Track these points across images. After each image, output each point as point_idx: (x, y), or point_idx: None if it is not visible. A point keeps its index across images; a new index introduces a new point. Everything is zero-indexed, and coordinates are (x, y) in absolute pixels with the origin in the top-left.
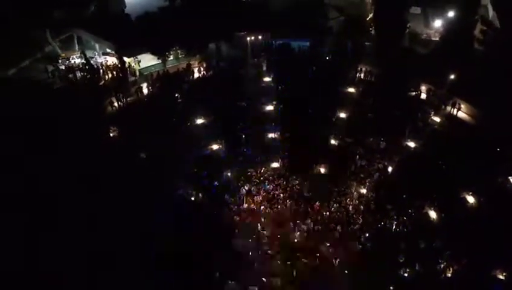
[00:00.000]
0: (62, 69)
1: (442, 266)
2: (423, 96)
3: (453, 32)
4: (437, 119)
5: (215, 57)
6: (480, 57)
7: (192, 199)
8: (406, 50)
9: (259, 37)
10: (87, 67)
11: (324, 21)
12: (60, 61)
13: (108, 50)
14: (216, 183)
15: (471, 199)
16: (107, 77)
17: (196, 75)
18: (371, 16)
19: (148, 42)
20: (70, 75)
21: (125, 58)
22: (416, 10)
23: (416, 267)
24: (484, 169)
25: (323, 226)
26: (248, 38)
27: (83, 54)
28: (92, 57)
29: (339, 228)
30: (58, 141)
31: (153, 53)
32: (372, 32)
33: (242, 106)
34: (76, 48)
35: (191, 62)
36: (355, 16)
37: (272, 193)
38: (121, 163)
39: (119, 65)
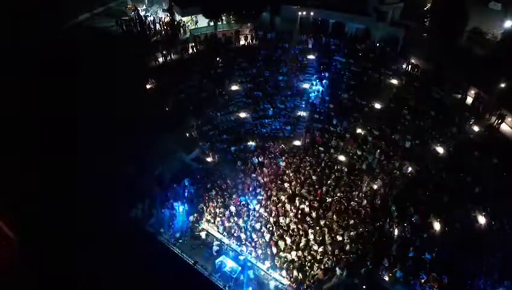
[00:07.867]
0: (124, 19)
1: (423, 280)
2: (469, 100)
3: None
4: (476, 128)
5: (265, 27)
6: None
7: (208, 159)
8: (461, 48)
9: (311, 13)
10: (138, 21)
11: (380, 5)
12: (125, 11)
13: None
14: (233, 148)
15: (482, 220)
16: (163, 32)
17: (242, 42)
18: (429, 5)
19: (202, 3)
20: (130, 26)
21: (182, 18)
22: (496, 6)
23: (397, 275)
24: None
25: (317, 212)
26: (299, 13)
27: (135, 8)
28: (156, 12)
29: (334, 217)
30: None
31: (204, 15)
32: (428, 24)
33: (279, 80)
34: (146, 1)
35: (240, 29)
36: (413, 4)
37: (282, 170)
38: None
39: (171, 22)
